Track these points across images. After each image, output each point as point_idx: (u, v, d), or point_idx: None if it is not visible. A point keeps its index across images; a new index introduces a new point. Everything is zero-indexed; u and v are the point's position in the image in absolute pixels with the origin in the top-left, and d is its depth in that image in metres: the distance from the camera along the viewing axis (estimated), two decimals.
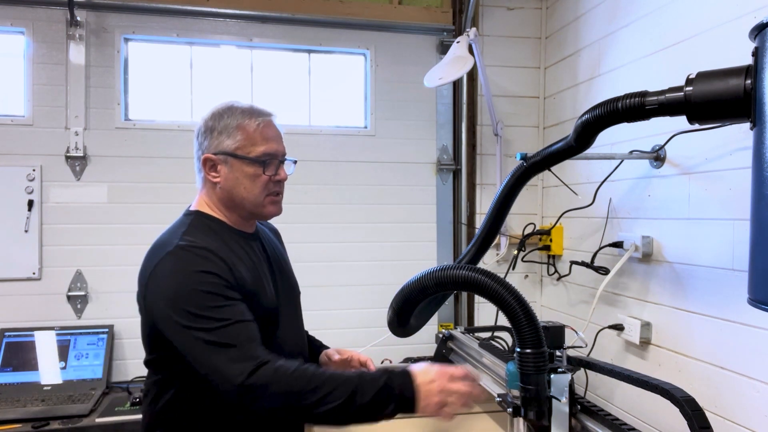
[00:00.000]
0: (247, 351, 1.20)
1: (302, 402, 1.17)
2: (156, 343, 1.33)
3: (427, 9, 2.85)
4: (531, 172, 1.84)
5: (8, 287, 2.44)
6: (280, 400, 1.18)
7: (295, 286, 1.60)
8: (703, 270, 1.72)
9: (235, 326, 1.22)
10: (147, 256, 1.36)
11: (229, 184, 1.38)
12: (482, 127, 2.83)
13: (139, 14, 2.58)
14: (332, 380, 1.20)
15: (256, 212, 1.42)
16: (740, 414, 1.58)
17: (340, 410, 1.18)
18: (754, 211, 1.07)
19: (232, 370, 1.17)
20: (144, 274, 1.33)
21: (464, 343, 2.20)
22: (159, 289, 1.27)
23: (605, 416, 1.39)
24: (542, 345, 1.30)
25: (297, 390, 1.17)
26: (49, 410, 2.09)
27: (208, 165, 1.39)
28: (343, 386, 1.19)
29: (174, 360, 1.27)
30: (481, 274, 1.32)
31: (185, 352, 1.23)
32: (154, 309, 1.28)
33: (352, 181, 2.77)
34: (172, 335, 1.25)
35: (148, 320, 1.33)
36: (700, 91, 1.20)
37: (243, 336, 1.22)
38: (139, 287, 1.36)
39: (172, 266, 1.27)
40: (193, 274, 1.24)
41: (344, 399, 1.17)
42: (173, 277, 1.26)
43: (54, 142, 2.49)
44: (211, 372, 1.20)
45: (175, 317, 1.22)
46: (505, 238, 2.76)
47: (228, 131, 1.37)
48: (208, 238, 1.33)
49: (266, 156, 1.37)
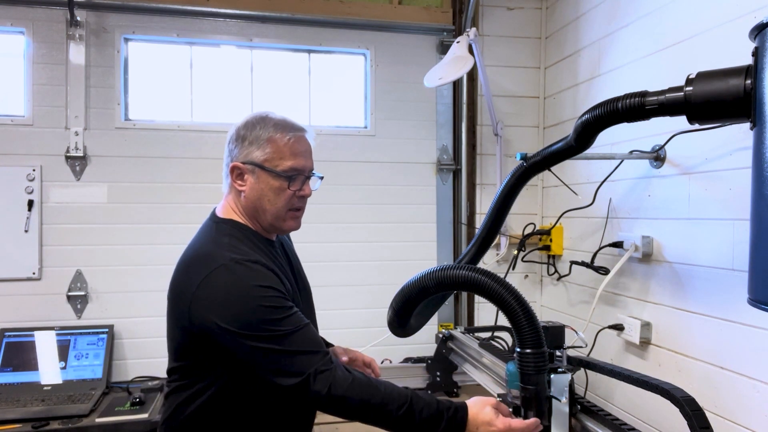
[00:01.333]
0: (320, 356, 1.26)
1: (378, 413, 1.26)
2: (191, 352, 1.33)
3: (427, 9, 2.85)
4: (531, 172, 1.84)
5: (8, 287, 2.44)
6: (353, 414, 1.28)
7: (308, 286, 1.62)
8: (703, 270, 1.72)
9: (301, 331, 1.27)
10: (190, 265, 1.33)
11: (254, 195, 1.38)
12: (482, 127, 2.83)
13: (139, 14, 2.58)
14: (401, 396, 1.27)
15: (276, 225, 1.43)
16: (740, 414, 1.58)
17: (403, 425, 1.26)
18: (754, 211, 1.07)
19: (312, 384, 1.23)
20: (187, 285, 1.30)
21: (464, 343, 2.20)
22: (215, 303, 1.25)
23: (605, 416, 1.39)
24: (542, 345, 1.30)
25: (374, 402, 1.25)
26: (49, 410, 2.09)
27: (235, 173, 1.39)
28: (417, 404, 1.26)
29: (209, 367, 1.31)
30: (481, 274, 1.33)
31: (257, 367, 1.26)
32: (205, 321, 1.25)
33: (352, 181, 2.77)
34: (238, 350, 1.25)
35: (188, 329, 1.30)
36: (700, 91, 1.20)
37: (310, 340, 1.28)
38: (179, 298, 1.32)
39: (229, 280, 1.26)
40: (254, 289, 1.26)
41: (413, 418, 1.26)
42: (233, 291, 1.26)
43: (54, 142, 2.49)
44: (288, 381, 1.24)
45: (242, 332, 1.23)
46: (505, 238, 2.76)
47: (258, 142, 1.38)
48: (252, 250, 1.35)
49: (293, 171, 1.38)
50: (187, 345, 1.33)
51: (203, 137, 2.62)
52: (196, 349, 1.32)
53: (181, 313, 1.31)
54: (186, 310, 1.28)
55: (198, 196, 2.57)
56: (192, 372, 1.35)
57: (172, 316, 1.37)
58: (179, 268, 1.36)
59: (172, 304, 1.36)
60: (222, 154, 1.49)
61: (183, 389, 1.36)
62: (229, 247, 1.32)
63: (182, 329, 1.32)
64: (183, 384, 1.36)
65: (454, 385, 2.39)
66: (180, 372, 1.37)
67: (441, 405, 1.28)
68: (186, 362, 1.36)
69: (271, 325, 1.24)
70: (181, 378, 1.37)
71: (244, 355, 1.25)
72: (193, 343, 1.31)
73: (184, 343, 1.34)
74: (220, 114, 2.70)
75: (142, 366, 2.50)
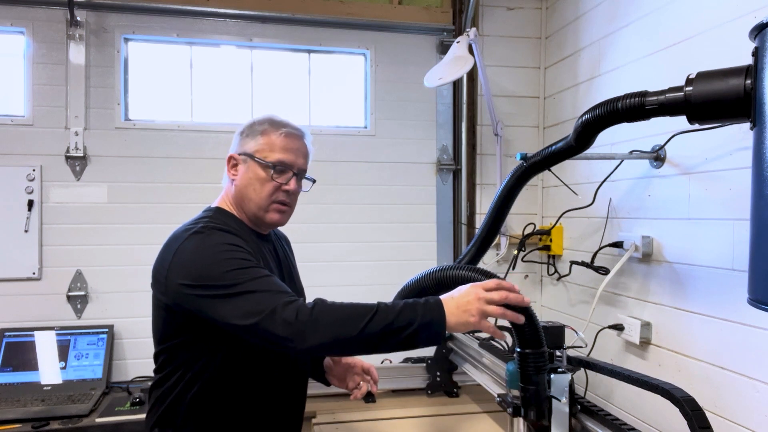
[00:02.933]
0: (286, 294, 1.24)
1: (349, 331, 1.19)
2: (173, 328, 1.35)
3: (427, 9, 2.85)
4: (531, 172, 1.84)
5: (8, 287, 2.44)
6: (330, 332, 1.19)
7: (301, 292, 1.62)
8: (703, 270, 1.72)
9: (267, 278, 1.26)
10: (167, 244, 1.37)
11: (242, 183, 1.44)
12: (482, 127, 2.83)
13: (139, 14, 2.58)
14: (367, 307, 1.22)
15: (259, 215, 1.45)
16: (740, 414, 1.58)
17: (382, 333, 1.19)
18: (754, 211, 1.07)
19: (281, 313, 1.18)
20: (165, 258, 1.33)
21: (464, 343, 2.20)
22: (184, 264, 1.28)
23: (605, 416, 1.39)
24: (542, 345, 1.30)
25: (344, 318, 1.20)
26: (49, 410, 2.09)
27: (230, 163, 1.47)
28: (386, 311, 1.20)
29: (190, 346, 1.32)
30: (481, 274, 1.33)
31: (223, 317, 1.23)
32: (177, 289, 1.28)
33: (352, 181, 2.77)
34: (204, 306, 1.25)
35: (167, 301, 1.32)
36: (700, 91, 1.20)
37: (275, 284, 1.27)
38: (159, 272, 1.34)
39: (198, 242, 1.30)
40: (219, 245, 1.29)
41: (388, 323, 1.19)
42: (199, 250, 1.29)
43: (54, 142, 2.49)
44: (255, 319, 1.19)
45: (205, 283, 1.24)
46: (505, 238, 2.76)
47: (253, 135, 1.45)
48: (229, 227, 1.38)
49: (280, 164, 1.43)
50: (168, 330, 1.36)
51: (203, 137, 2.62)
52: (174, 331, 1.34)
53: (160, 292, 1.34)
54: (163, 286, 1.31)
55: (198, 196, 2.56)
56: (171, 360, 1.37)
57: (154, 304, 1.40)
58: (158, 254, 1.38)
59: (154, 290, 1.38)
60: (222, 154, 1.51)
61: (165, 379, 1.38)
62: (206, 221, 1.37)
63: (162, 311, 1.35)
64: (165, 374, 1.38)
65: (454, 385, 2.39)
66: (160, 361, 1.40)
67: (411, 300, 1.24)
68: (165, 349, 1.38)
69: (236, 274, 1.23)
70: (162, 367, 1.39)
71: (209, 309, 1.24)
72: (172, 325, 1.34)
73: (164, 330, 1.37)
74: (220, 114, 2.70)
75: (142, 366, 2.49)
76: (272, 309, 1.19)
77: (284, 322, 1.18)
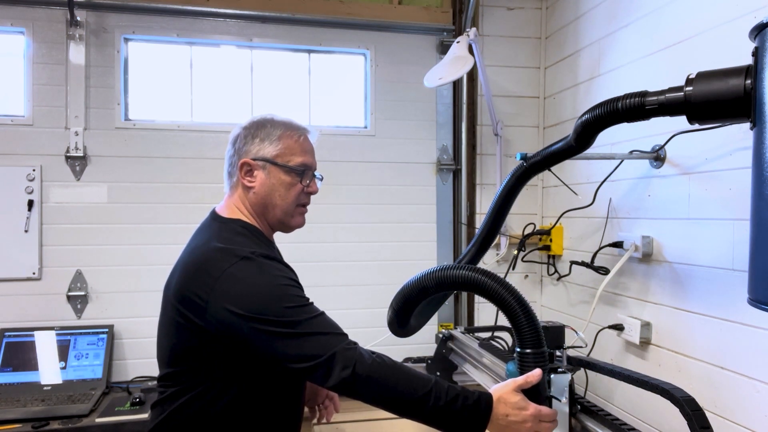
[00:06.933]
0: (343, 336, 1.27)
1: (396, 399, 1.24)
2: (191, 356, 1.31)
3: (427, 9, 2.85)
4: (531, 172, 1.84)
5: (8, 287, 2.44)
6: (378, 394, 1.25)
7: None
8: (703, 270, 1.72)
9: (322, 317, 1.29)
10: (201, 264, 1.30)
11: (264, 190, 1.41)
12: (482, 127, 2.83)
13: (139, 14, 2.58)
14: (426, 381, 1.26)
15: (284, 221, 1.45)
16: (740, 414, 1.58)
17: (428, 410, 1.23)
18: (754, 211, 1.07)
19: (339, 361, 1.21)
20: (203, 280, 1.27)
21: (464, 343, 2.20)
22: (239, 293, 1.24)
23: (605, 416, 1.39)
24: (542, 345, 1.30)
25: (395, 386, 1.23)
26: (49, 410, 2.09)
27: (244, 169, 1.41)
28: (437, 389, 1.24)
29: (208, 372, 1.30)
30: (481, 274, 1.33)
31: (279, 356, 1.24)
32: (225, 315, 1.24)
33: (352, 181, 2.77)
34: (258, 340, 1.23)
35: (203, 324, 1.26)
36: (700, 91, 1.20)
37: (331, 324, 1.29)
38: (192, 292, 1.28)
39: (254, 271, 1.27)
40: (278, 278, 1.29)
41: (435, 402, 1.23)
42: (258, 282, 1.26)
43: (54, 142, 2.49)
44: (313, 362, 1.21)
45: (265, 318, 1.23)
46: (505, 238, 2.76)
47: (270, 139, 1.42)
48: (262, 249, 1.36)
49: (304, 167, 1.43)
50: (191, 348, 1.30)
51: (203, 137, 2.62)
52: (200, 352, 1.29)
53: (194, 312, 1.27)
54: (201, 309, 1.25)
55: (198, 196, 2.57)
56: (189, 378, 1.32)
57: (172, 321, 1.33)
58: (186, 269, 1.32)
59: (179, 307, 1.30)
60: (222, 154, 1.50)
61: (177, 396, 1.33)
62: (245, 243, 1.34)
63: (189, 331, 1.29)
64: (177, 390, 1.33)
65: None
66: (175, 378, 1.34)
67: (465, 390, 1.26)
68: (182, 368, 1.33)
69: (295, 312, 1.24)
70: (177, 384, 1.34)
71: (265, 344, 1.23)
72: (201, 345, 1.28)
73: (188, 346, 1.31)
74: (220, 114, 2.70)
75: (142, 366, 2.50)
76: (331, 355, 1.21)
77: (340, 371, 1.20)
